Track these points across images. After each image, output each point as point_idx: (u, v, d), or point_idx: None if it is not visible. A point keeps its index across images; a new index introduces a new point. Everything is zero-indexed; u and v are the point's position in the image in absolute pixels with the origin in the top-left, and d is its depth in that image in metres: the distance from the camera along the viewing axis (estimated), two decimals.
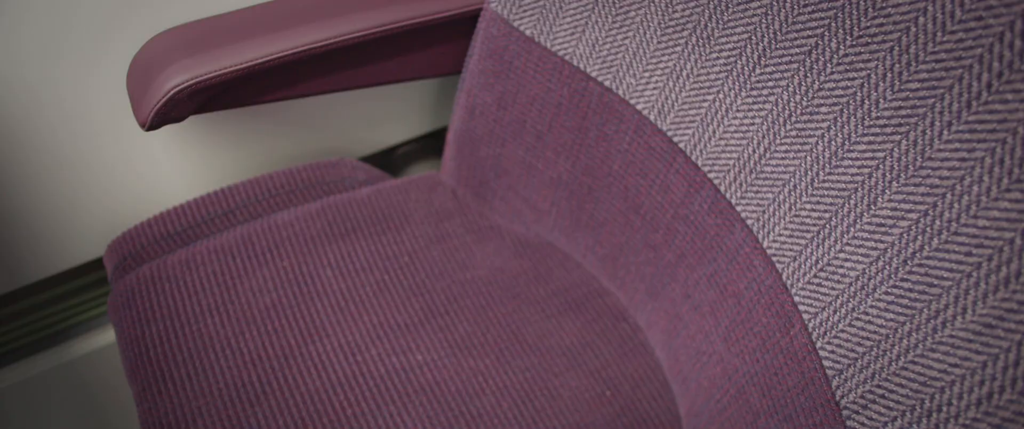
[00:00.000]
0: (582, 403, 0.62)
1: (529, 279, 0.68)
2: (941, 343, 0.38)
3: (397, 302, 0.65)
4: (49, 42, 0.60)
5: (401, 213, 0.70)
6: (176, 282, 0.64)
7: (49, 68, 0.62)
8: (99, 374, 0.84)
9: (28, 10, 0.58)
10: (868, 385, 0.42)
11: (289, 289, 0.64)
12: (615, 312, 0.67)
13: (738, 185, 0.51)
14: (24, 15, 0.58)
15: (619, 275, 0.66)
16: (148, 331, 0.62)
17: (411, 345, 0.62)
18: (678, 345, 0.61)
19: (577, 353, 0.64)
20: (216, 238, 0.66)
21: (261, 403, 0.59)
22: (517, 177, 0.68)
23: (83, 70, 0.63)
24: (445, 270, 0.67)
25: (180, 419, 0.59)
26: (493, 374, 0.62)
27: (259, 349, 0.61)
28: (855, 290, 0.43)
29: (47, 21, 0.59)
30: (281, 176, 0.70)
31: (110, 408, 0.87)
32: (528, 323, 0.65)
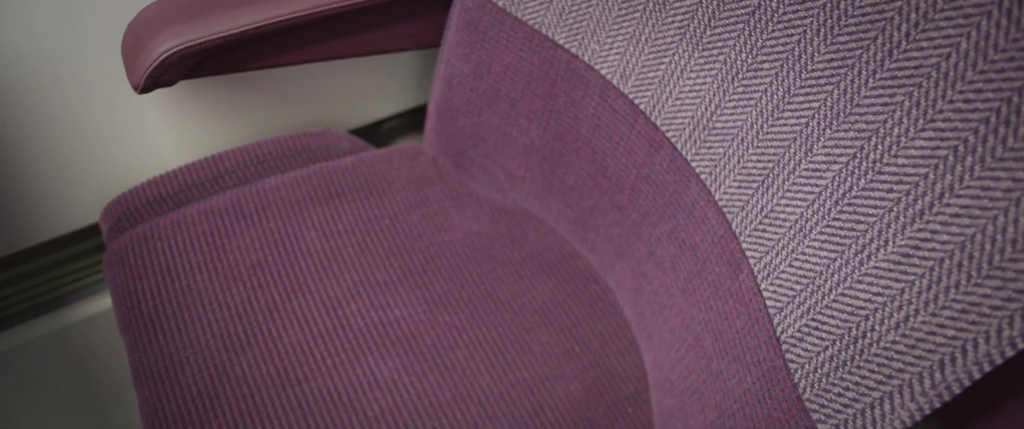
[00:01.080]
0: (552, 357, 0.65)
1: (505, 242, 0.72)
2: (866, 275, 0.41)
3: (377, 261, 0.68)
4: (44, 12, 0.64)
5: (383, 180, 0.73)
6: (167, 241, 0.67)
7: (45, 39, 0.65)
8: (95, 340, 0.87)
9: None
10: (804, 319, 0.45)
11: (274, 248, 0.67)
12: (586, 274, 0.71)
13: (693, 142, 0.54)
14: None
15: (590, 238, 0.70)
16: (140, 286, 0.65)
17: (389, 301, 0.66)
18: (643, 302, 0.64)
19: (549, 311, 0.68)
20: (206, 201, 0.70)
21: (246, 353, 0.62)
22: (493, 145, 0.71)
23: (78, 42, 0.66)
24: (424, 232, 0.71)
25: (169, 367, 0.62)
26: (467, 329, 0.65)
27: (245, 303, 0.64)
28: (794, 233, 0.46)
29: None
30: (269, 144, 0.74)
31: (105, 373, 0.91)
32: (502, 283, 0.69)
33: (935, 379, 0.38)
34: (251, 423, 0.59)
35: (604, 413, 0.63)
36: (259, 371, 0.61)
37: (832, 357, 0.42)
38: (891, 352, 0.40)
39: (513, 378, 0.63)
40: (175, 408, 0.60)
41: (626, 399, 0.64)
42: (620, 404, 0.63)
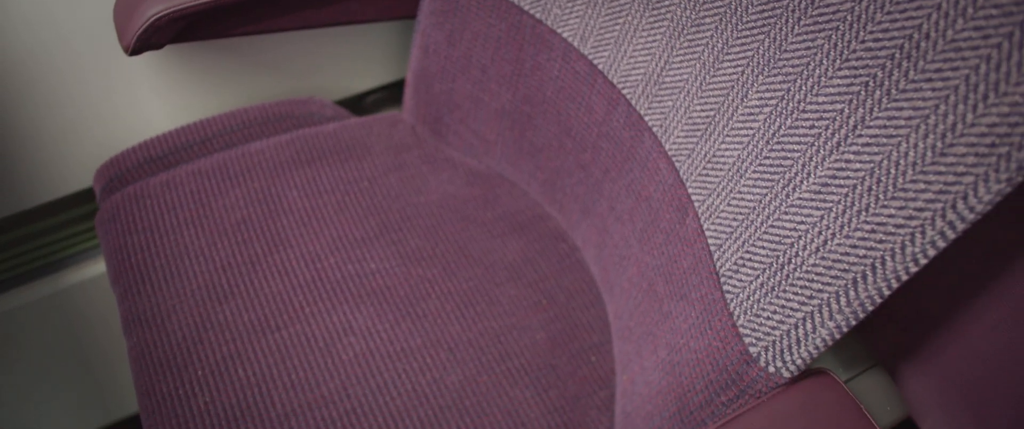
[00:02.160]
0: (520, 309, 0.68)
1: (478, 204, 0.75)
2: (792, 206, 0.45)
3: (355, 219, 0.71)
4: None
5: (363, 145, 0.77)
6: (157, 199, 0.71)
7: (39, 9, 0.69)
8: (89, 304, 0.91)
9: None
10: (739, 253, 0.48)
11: (258, 207, 0.71)
12: (556, 234, 0.74)
13: (645, 97, 0.57)
14: None
15: (558, 198, 0.73)
16: (130, 241, 0.69)
17: (366, 255, 0.69)
18: (606, 256, 0.68)
19: (518, 267, 0.71)
20: (194, 163, 0.73)
21: (229, 301, 0.66)
22: (467, 111, 0.75)
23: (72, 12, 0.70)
24: (401, 193, 0.74)
25: (156, 315, 0.65)
26: (439, 282, 0.69)
27: (229, 257, 0.68)
28: (732, 174, 0.49)
29: None
30: (255, 110, 0.77)
31: (99, 337, 0.94)
32: (474, 241, 0.72)
33: (850, 297, 0.41)
34: (232, 366, 0.63)
35: (568, 361, 0.66)
36: (241, 318, 0.65)
37: (762, 284, 0.46)
38: (812, 275, 0.43)
39: (482, 327, 0.66)
40: (162, 352, 0.64)
41: (589, 348, 0.67)
42: (584, 353, 0.67)
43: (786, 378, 0.45)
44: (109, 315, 0.93)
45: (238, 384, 0.62)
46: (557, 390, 0.64)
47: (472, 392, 0.62)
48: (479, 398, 0.62)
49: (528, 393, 0.63)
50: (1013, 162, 0.35)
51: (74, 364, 0.95)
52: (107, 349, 0.96)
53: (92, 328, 0.93)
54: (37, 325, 0.89)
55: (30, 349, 0.91)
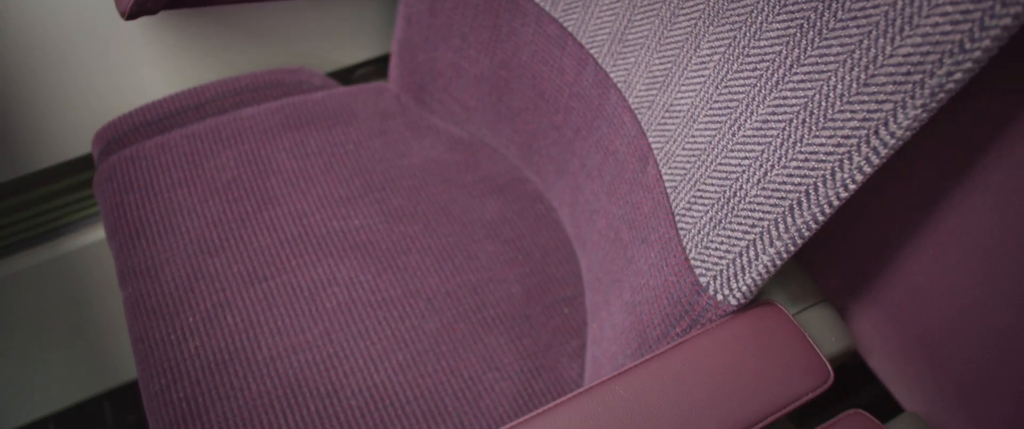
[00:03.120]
0: (497, 264, 0.71)
1: (459, 168, 0.78)
2: (737, 144, 0.48)
3: (341, 179, 0.75)
4: None
5: (350, 112, 0.80)
6: (152, 161, 0.74)
7: None
8: (89, 269, 0.94)
9: None
10: (692, 192, 0.51)
11: (248, 167, 0.74)
12: (533, 195, 0.77)
13: (611, 55, 0.61)
14: None
15: (535, 160, 0.76)
16: (126, 199, 0.73)
17: (350, 213, 0.73)
18: (578, 212, 0.71)
19: (496, 226, 0.74)
20: (188, 127, 0.77)
21: (219, 255, 0.69)
22: (449, 78, 0.78)
23: None
24: (385, 157, 0.77)
25: (150, 267, 0.69)
26: (420, 237, 0.72)
27: (220, 214, 0.71)
28: (686, 120, 0.53)
29: None
30: (246, 78, 0.81)
31: (98, 303, 0.97)
32: (455, 201, 0.75)
33: (788, 224, 0.44)
34: (222, 313, 0.66)
35: (541, 312, 0.69)
36: (230, 270, 0.68)
37: (710, 218, 0.49)
38: (753, 205, 0.46)
39: (459, 280, 0.70)
40: (155, 301, 0.67)
41: (562, 301, 0.70)
42: (557, 305, 0.70)
43: (733, 305, 0.49)
44: (108, 281, 0.97)
45: (227, 330, 0.65)
46: (531, 338, 0.67)
47: (449, 338, 0.66)
48: (455, 344, 0.65)
49: (502, 340, 0.66)
50: (926, 89, 0.38)
51: (73, 330, 0.99)
52: (106, 315, 0.99)
53: (91, 294, 0.97)
54: (37, 291, 0.93)
55: (30, 315, 0.94)
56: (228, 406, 0.61)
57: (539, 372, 0.65)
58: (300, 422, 0.60)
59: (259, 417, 0.61)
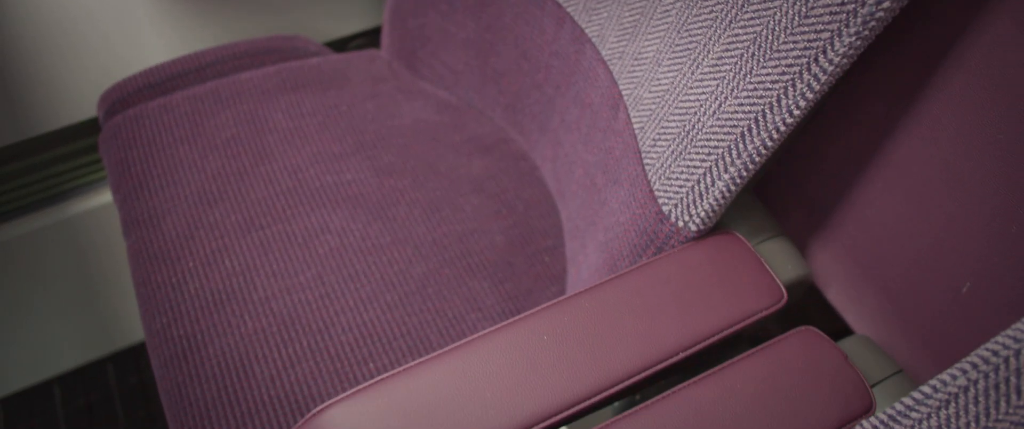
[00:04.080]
0: (481, 216, 0.75)
1: (448, 128, 0.82)
2: (696, 82, 0.52)
3: (334, 138, 0.79)
4: None
5: (343, 76, 0.84)
6: (155, 120, 0.78)
7: None
8: (96, 232, 0.98)
9: None
10: (657, 130, 0.55)
11: (246, 126, 0.78)
12: (517, 154, 0.81)
13: (586, 11, 0.64)
14: None
15: (519, 120, 0.80)
16: (130, 155, 0.76)
17: (343, 168, 0.76)
18: (559, 166, 0.75)
19: (481, 182, 0.78)
20: (189, 89, 0.81)
21: (217, 205, 0.73)
22: (438, 44, 0.82)
23: None
24: (377, 117, 0.81)
25: (152, 217, 0.73)
26: (408, 191, 0.76)
27: (218, 168, 0.75)
28: (652, 65, 0.56)
29: None
30: (245, 44, 0.85)
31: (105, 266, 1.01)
32: (443, 158, 0.79)
33: (740, 150, 0.48)
34: (220, 258, 0.70)
35: (523, 260, 0.73)
36: (228, 219, 0.72)
37: (672, 152, 0.53)
38: (709, 135, 0.50)
39: (446, 229, 0.73)
40: (157, 248, 0.71)
41: (544, 251, 0.74)
42: (538, 254, 0.74)
43: (693, 231, 0.52)
44: (112, 245, 1.01)
45: (224, 273, 0.69)
46: (512, 283, 0.71)
47: (435, 282, 0.69)
48: (441, 287, 0.69)
49: (486, 284, 0.70)
50: (859, 17, 0.42)
51: (78, 294, 1.02)
52: (110, 280, 1.03)
53: (96, 259, 1.01)
54: (42, 254, 0.97)
55: (35, 278, 0.98)
56: (225, 341, 0.65)
57: (520, 314, 0.69)
58: (293, 355, 0.64)
59: (255, 351, 0.64)
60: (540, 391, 0.45)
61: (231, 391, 0.63)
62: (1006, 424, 0.38)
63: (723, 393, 0.46)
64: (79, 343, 1.06)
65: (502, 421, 0.44)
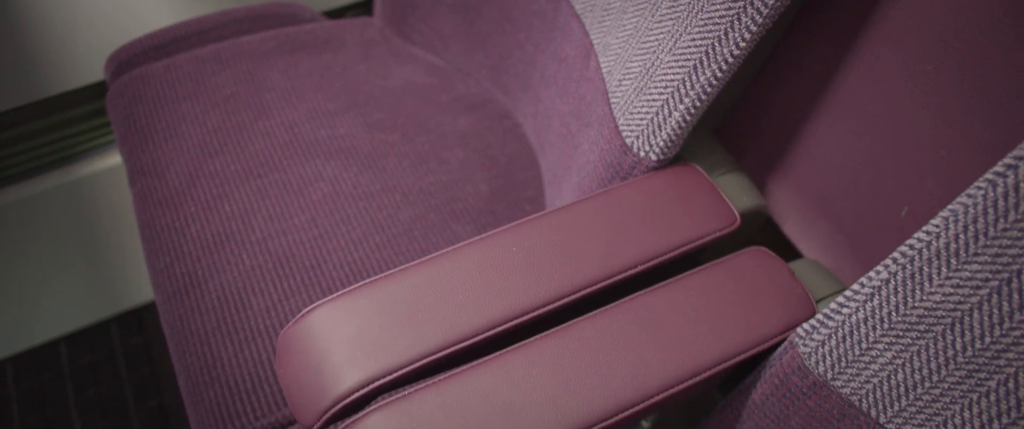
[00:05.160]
0: (466, 168, 0.80)
1: (436, 89, 0.87)
2: (656, 23, 0.56)
3: (328, 96, 0.83)
4: None
5: (338, 40, 0.89)
6: (159, 79, 0.83)
7: None
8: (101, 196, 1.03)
9: None
10: (622, 71, 0.60)
11: (245, 85, 0.83)
12: (501, 113, 0.86)
13: None
14: None
15: (503, 80, 0.85)
16: (135, 110, 0.81)
17: (336, 123, 0.81)
18: (539, 121, 0.79)
19: (467, 137, 0.83)
20: (192, 51, 0.86)
21: (218, 156, 0.78)
22: (427, 9, 0.87)
23: None
24: (369, 78, 0.86)
25: (157, 167, 0.77)
26: (397, 144, 0.80)
27: (219, 123, 0.80)
28: (619, 13, 0.61)
29: None
30: (244, 10, 0.90)
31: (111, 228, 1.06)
32: (431, 116, 0.84)
33: (693, 81, 0.53)
34: (219, 204, 0.74)
35: (505, 208, 0.77)
36: (228, 169, 0.77)
37: (635, 89, 0.57)
38: (666, 69, 0.55)
39: (432, 179, 0.78)
40: (161, 195, 0.76)
41: (525, 200, 0.79)
42: (520, 203, 0.78)
43: (654, 161, 0.57)
44: (118, 208, 1.05)
45: (223, 217, 0.73)
46: (494, 228, 0.75)
47: (421, 226, 0.74)
48: (427, 230, 0.74)
49: (469, 228, 0.75)
50: None
51: (84, 255, 1.07)
52: (115, 242, 1.08)
53: (102, 221, 1.05)
54: (50, 216, 1.01)
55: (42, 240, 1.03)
56: (224, 278, 0.70)
57: None
58: (288, 289, 0.69)
59: (252, 286, 0.69)
60: (509, 294, 0.49)
61: (230, 322, 0.67)
62: (920, 310, 0.43)
63: (677, 298, 0.51)
64: (84, 304, 1.11)
65: (474, 319, 0.48)
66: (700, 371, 0.48)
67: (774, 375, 0.51)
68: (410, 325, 0.48)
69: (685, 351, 0.48)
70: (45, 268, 1.06)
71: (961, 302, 0.41)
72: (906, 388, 0.45)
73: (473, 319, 0.48)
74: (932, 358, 0.43)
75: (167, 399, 1.08)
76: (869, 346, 0.45)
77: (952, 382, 0.43)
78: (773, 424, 0.52)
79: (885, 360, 0.45)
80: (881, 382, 0.46)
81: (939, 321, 0.42)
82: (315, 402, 0.47)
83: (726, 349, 0.49)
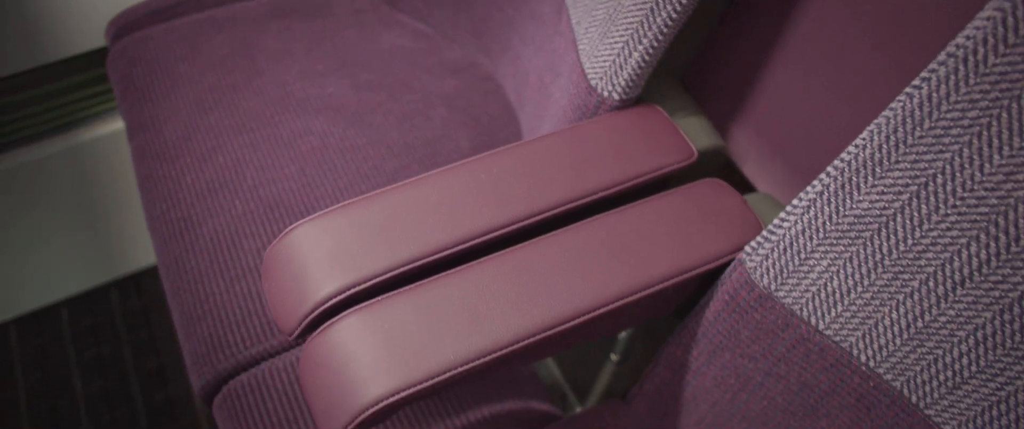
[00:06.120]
0: (449, 126, 0.84)
1: (422, 53, 0.91)
2: None
3: (318, 57, 0.87)
4: None
5: (328, 7, 0.93)
6: (157, 41, 0.87)
7: None
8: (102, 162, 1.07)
9: None
10: (588, 20, 0.64)
11: (240, 47, 0.87)
12: (484, 75, 0.90)
13: None
14: None
15: (486, 44, 0.89)
16: (135, 70, 0.85)
17: (325, 83, 0.85)
18: (518, 80, 0.83)
19: (451, 97, 0.87)
20: (189, 16, 0.90)
21: (212, 112, 0.82)
22: None
23: None
24: (358, 42, 0.90)
25: (155, 122, 0.81)
26: (384, 103, 0.84)
27: (214, 82, 0.84)
28: None
29: None
30: None
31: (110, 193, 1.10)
32: (417, 77, 0.88)
33: (650, 23, 0.57)
34: (214, 155, 0.78)
35: None
36: (222, 124, 0.81)
37: (599, 34, 0.61)
38: (626, 14, 0.58)
39: (416, 135, 0.82)
40: (158, 148, 0.80)
41: None
42: None
43: (617, 100, 0.61)
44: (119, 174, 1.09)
45: (217, 167, 0.77)
46: None
47: (404, 176, 0.78)
48: None
49: None
50: None
51: (85, 220, 1.11)
52: (116, 207, 1.12)
53: (103, 186, 1.09)
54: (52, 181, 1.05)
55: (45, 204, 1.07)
56: (217, 222, 0.74)
57: None
58: (277, 232, 0.72)
59: (243, 229, 0.73)
60: (477, 214, 0.53)
61: (221, 261, 0.71)
62: (850, 217, 0.47)
63: (635, 219, 0.55)
64: (85, 269, 1.15)
65: (444, 236, 0.52)
66: (653, 283, 0.52)
67: (725, 292, 0.55)
68: (384, 240, 0.51)
69: (640, 265, 0.52)
70: (47, 234, 1.10)
71: (886, 208, 0.45)
72: (841, 294, 0.49)
73: (443, 235, 0.52)
74: (862, 263, 0.47)
75: (164, 359, 1.12)
76: (807, 256, 0.49)
77: (880, 285, 0.47)
78: (725, 339, 0.56)
79: (822, 268, 0.49)
80: (819, 290, 0.50)
81: (867, 227, 0.46)
82: (295, 309, 0.50)
83: (678, 264, 0.53)
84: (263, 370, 0.66)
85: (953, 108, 0.41)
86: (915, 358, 0.48)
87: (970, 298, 0.44)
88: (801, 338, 0.52)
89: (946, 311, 0.45)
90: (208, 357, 0.67)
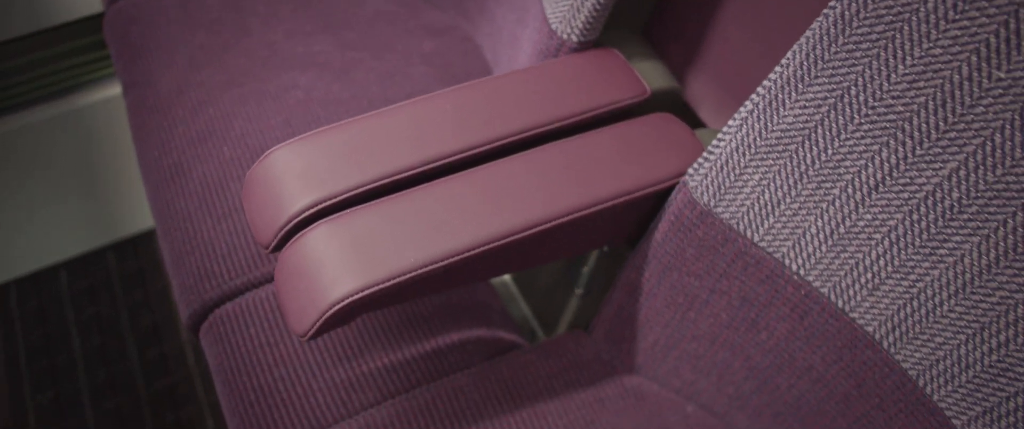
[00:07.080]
0: (429, 82, 0.88)
1: (405, 16, 0.95)
2: None
3: (305, 19, 0.92)
4: None
5: None
6: (151, 4, 0.92)
7: None
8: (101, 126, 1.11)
9: None
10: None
11: (230, 11, 0.92)
12: (463, 37, 0.94)
13: None
14: None
15: (465, 7, 0.93)
16: (131, 30, 0.90)
17: (311, 42, 0.90)
18: (494, 37, 0.88)
19: (430, 57, 0.91)
20: None
21: (203, 69, 0.86)
22: None
23: None
24: (343, 6, 0.95)
25: (149, 79, 0.86)
26: (366, 61, 0.89)
27: (205, 42, 0.89)
28: None
29: None
30: None
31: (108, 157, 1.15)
32: (398, 38, 0.92)
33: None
34: (204, 108, 0.83)
35: None
36: (212, 80, 0.85)
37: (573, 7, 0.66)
38: None
39: (397, 90, 0.86)
40: (152, 102, 0.84)
41: None
42: None
43: (576, 42, 0.65)
44: (118, 138, 1.14)
45: (207, 118, 0.82)
46: None
47: None
48: None
49: None
50: None
51: (83, 184, 1.16)
52: (114, 171, 1.17)
53: (102, 150, 1.14)
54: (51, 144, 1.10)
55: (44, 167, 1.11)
56: (206, 167, 0.78)
57: None
58: None
59: (231, 173, 0.77)
60: (441, 138, 0.58)
61: (210, 202, 0.76)
62: (777, 132, 0.51)
63: (589, 145, 0.59)
64: (83, 232, 1.19)
65: (409, 157, 0.57)
66: (604, 200, 0.56)
67: (671, 213, 0.59)
68: (354, 160, 0.56)
69: (593, 184, 0.57)
70: (45, 197, 1.14)
71: (808, 121, 0.49)
72: (772, 206, 0.53)
73: (408, 157, 0.56)
74: (789, 175, 0.51)
75: (158, 318, 1.16)
76: (741, 172, 0.54)
77: (806, 194, 0.51)
78: (673, 259, 0.60)
79: (754, 182, 0.53)
80: (752, 203, 0.54)
81: (792, 140, 0.50)
82: (271, 223, 0.55)
83: (628, 184, 0.57)
84: (247, 299, 0.71)
85: (862, 24, 0.45)
86: (839, 263, 0.52)
87: (883, 201, 0.48)
88: (739, 251, 0.56)
89: (864, 215, 0.49)
90: (196, 287, 0.71)
